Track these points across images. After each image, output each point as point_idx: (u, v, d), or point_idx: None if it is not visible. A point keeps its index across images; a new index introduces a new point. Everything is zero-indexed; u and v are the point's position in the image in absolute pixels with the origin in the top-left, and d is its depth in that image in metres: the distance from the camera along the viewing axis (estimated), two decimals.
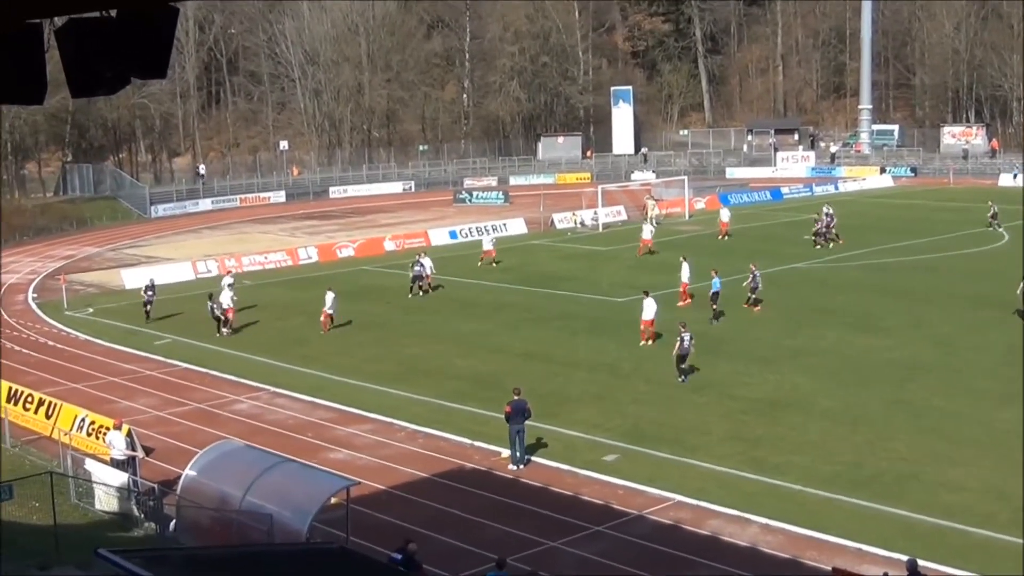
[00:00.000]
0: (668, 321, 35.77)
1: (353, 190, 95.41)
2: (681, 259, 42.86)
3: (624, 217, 70.22)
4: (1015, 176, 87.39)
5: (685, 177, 78.28)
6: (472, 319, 40.89)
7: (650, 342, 35.13)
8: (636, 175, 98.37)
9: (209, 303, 39.67)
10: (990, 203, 61.92)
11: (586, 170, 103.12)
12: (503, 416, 24.87)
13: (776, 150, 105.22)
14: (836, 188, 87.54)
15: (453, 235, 63.21)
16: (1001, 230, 58.83)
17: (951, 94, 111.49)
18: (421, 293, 45.59)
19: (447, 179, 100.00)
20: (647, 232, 55.69)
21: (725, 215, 60.47)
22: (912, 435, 25.85)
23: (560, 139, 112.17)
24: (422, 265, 46.13)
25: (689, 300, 41.47)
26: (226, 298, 40.06)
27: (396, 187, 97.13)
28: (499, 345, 36.58)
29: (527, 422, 24.79)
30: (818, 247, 54.50)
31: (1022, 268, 39.47)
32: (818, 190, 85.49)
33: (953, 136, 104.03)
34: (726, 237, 58.57)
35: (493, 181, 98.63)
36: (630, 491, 23.17)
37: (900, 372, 31.37)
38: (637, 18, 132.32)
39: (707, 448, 25.42)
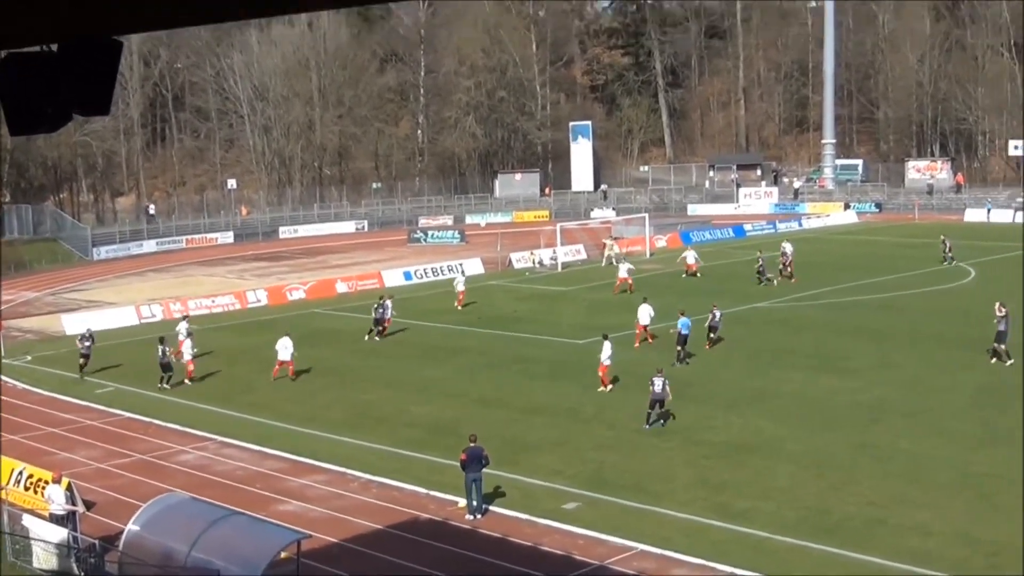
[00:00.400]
0: (629, 364, 35.98)
1: (304, 230, 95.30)
2: (643, 299, 43.26)
3: (584, 256, 70.57)
4: (988, 211, 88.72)
5: (646, 214, 78.89)
6: (428, 364, 40.83)
7: (609, 387, 35.18)
8: (596, 213, 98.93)
9: (160, 347, 38.78)
10: (943, 238, 63.21)
11: (544, 208, 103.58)
12: (459, 464, 24.84)
13: (738, 186, 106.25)
14: (800, 224, 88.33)
15: (408, 276, 63.17)
16: (955, 264, 60.74)
17: (915, 128, 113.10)
18: (377, 338, 45.56)
19: (401, 218, 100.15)
20: (624, 271, 56.05)
21: (691, 257, 60.40)
22: (879, 479, 26.05)
23: (518, 176, 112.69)
24: (385, 308, 46.07)
25: (650, 340, 41.67)
26: (187, 350, 39.35)
27: (348, 227, 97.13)
28: (456, 390, 36.55)
29: (486, 470, 24.76)
30: (762, 284, 55.09)
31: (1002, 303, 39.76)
32: (782, 227, 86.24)
33: (918, 171, 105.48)
34: (696, 275, 58.90)
35: (449, 220, 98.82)
36: (592, 540, 23.17)
37: (866, 414, 31.65)
38: (596, 51, 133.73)
39: (671, 495, 25.49)
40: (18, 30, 8.31)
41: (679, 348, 38.68)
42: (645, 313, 42.09)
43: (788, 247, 58.91)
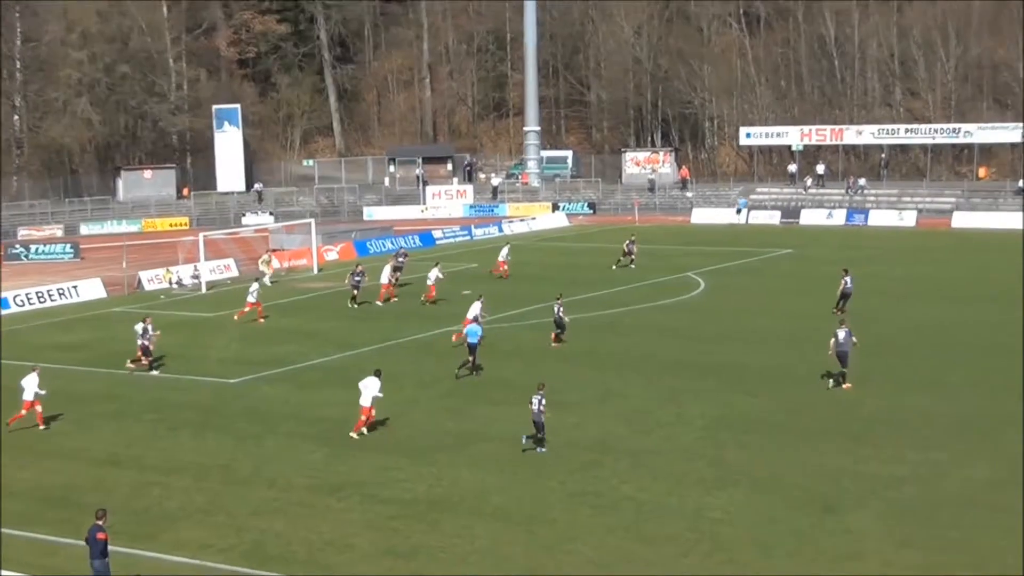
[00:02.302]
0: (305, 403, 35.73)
1: None
2: (478, 296, 48.59)
3: (235, 273, 69.93)
4: (739, 211, 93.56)
5: (312, 220, 78.73)
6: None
7: (364, 432, 35.44)
8: (249, 218, 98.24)
9: None
10: (632, 237, 69.49)
11: (183, 213, 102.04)
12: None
13: (425, 184, 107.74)
14: (500, 230, 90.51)
15: (4, 303, 60.78)
16: (632, 267, 66.59)
17: (633, 113, 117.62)
18: (155, 372, 45.15)
19: None
20: (433, 277, 57.27)
21: (432, 276, 58.04)
22: (601, 534, 26.91)
23: (147, 174, 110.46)
24: (147, 330, 45.44)
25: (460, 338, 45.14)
26: None
27: None
28: (73, 448, 35.42)
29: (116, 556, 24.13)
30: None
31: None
32: (478, 233, 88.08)
33: (637, 164, 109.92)
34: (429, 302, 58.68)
35: (58, 231, 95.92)
36: None
37: (584, 456, 32.64)
38: (245, 16, 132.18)
39: (351, 566, 25.53)
40: None
41: (469, 359, 41.86)
42: (475, 308, 46.89)
43: (503, 252, 65.23)
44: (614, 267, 67.49)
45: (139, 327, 45.63)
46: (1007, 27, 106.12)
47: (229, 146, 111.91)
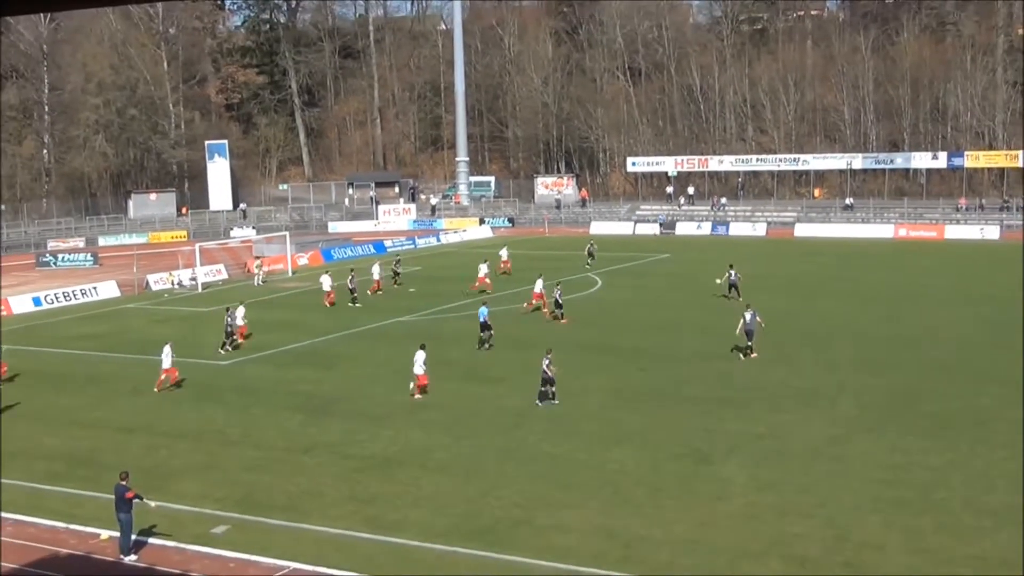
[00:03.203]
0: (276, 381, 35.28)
1: None
2: (539, 275, 52.28)
3: (225, 276, 69.14)
4: (661, 224, 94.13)
5: (287, 233, 78.09)
6: (62, 392, 38.61)
7: (418, 396, 35.55)
8: (236, 232, 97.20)
9: None
10: (592, 243, 70.64)
11: (182, 228, 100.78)
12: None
13: (377, 203, 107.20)
14: (438, 240, 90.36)
15: (37, 302, 59.66)
16: (592, 264, 67.19)
17: (542, 146, 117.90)
18: (230, 348, 44.76)
19: (28, 241, 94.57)
20: (376, 272, 58.01)
21: (483, 269, 59.37)
22: (524, 482, 26.81)
23: (153, 196, 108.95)
24: (234, 316, 45.39)
25: (532, 308, 50.31)
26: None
27: None
28: (95, 419, 34.75)
29: (138, 508, 23.58)
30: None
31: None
32: (421, 242, 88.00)
33: (546, 187, 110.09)
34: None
35: (80, 242, 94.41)
36: (243, 563, 22.53)
37: (510, 419, 32.54)
38: (230, 70, 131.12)
39: (322, 511, 25.22)
40: None
41: (481, 335, 42.94)
42: (539, 284, 50.99)
43: (503, 252, 66.31)
44: (586, 266, 68.18)
45: (241, 311, 46.29)
46: (834, 78, 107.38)
47: (219, 174, 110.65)
